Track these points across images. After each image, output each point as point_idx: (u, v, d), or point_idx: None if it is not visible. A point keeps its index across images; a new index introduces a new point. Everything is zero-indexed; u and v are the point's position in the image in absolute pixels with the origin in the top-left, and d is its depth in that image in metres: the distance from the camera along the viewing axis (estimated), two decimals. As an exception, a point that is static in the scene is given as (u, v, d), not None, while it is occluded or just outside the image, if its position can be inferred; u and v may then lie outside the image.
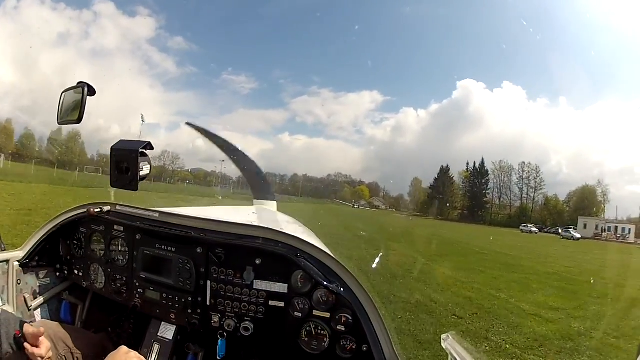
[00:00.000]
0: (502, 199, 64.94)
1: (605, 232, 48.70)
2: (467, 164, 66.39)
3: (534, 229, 50.67)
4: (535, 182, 64.24)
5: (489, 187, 66.59)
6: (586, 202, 58.82)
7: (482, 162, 66.42)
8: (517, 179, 64.54)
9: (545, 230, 53.15)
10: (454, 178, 66.31)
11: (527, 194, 63.85)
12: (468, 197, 66.09)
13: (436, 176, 67.14)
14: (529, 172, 65.00)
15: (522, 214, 62.18)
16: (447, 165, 67.56)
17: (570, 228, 47.17)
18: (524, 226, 52.22)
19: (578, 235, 42.71)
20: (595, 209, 57.09)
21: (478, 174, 66.49)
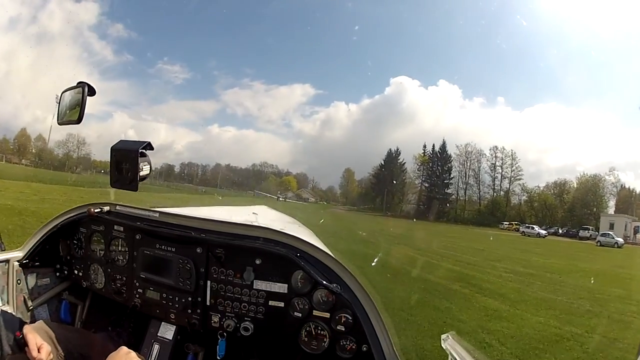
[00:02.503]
0: (468, 192, 51.64)
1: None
2: (424, 146, 52.93)
3: (542, 231, 36.45)
4: (512, 170, 50.60)
5: (452, 175, 52.40)
6: (590, 196, 44.60)
7: (444, 145, 52.58)
8: (489, 166, 51.24)
9: (552, 231, 38.58)
10: (405, 165, 53.52)
11: (499, 185, 50.99)
12: (426, 188, 52.93)
13: (382, 162, 53.98)
14: (502, 158, 51.01)
15: (496, 209, 49.21)
16: (397, 149, 53.99)
17: (589, 229, 36.16)
18: (527, 227, 38.04)
19: (621, 240, 30.57)
20: (597, 204, 43.74)
21: (439, 159, 52.76)
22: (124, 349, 1.43)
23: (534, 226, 38.13)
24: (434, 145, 53.13)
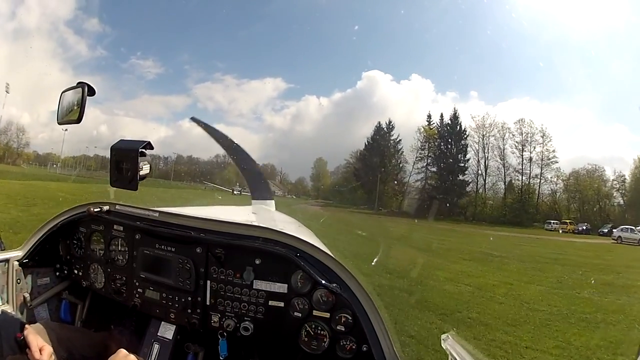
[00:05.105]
0: (487, 179, 37.77)
1: None
2: (429, 116, 39.53)
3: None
4: (545, 150, 36.41)
5: (468, 157, 38.01)
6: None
7: (455, 116, 38.22)
8: (514, 144, 37.73)
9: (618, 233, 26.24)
10: (400, 143, 40.47)
11: (529, 170, 36.91)
12: (433, 174, 38.97)
13: (368, 140, 41.44)
14: (531, 135, 36.94)
15: (528, 202, 36.26)
16: (390, 122, 40.98)
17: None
18: (623, 229, 26.04)
19: None
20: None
21: (449, 134, 38.41)
22: (122, 351, 1.43)
23: (634, 228, 25.98)
24: (442, 115, 39.35)
